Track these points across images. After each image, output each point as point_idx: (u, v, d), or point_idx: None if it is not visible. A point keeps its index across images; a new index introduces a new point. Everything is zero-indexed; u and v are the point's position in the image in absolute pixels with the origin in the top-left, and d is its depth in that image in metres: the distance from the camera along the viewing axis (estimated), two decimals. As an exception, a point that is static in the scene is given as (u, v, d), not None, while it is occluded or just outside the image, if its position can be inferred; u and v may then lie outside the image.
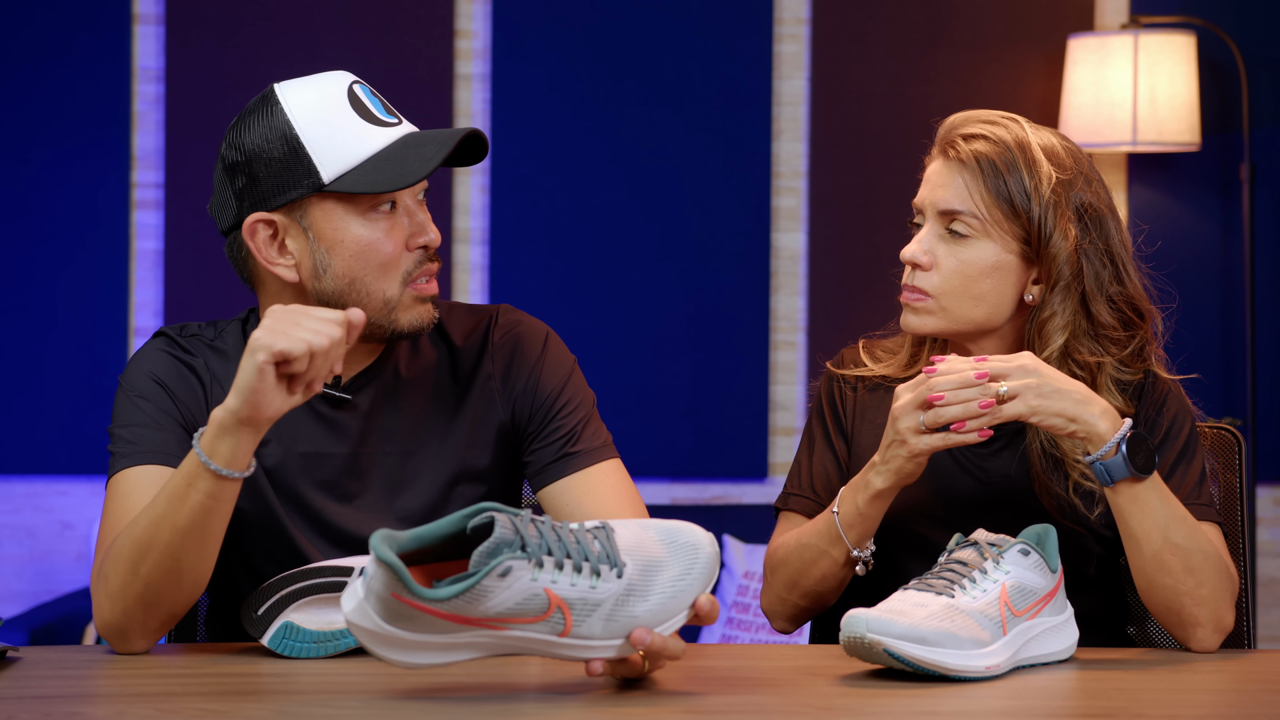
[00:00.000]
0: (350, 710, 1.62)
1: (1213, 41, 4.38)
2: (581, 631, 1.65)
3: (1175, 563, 1.99)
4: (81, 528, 4.38)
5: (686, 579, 1.69)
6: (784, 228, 4.45)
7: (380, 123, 1.98)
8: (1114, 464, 1.97)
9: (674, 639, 1.69)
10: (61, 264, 4.33)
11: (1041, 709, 1.74)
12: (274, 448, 2.04)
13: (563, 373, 2.10)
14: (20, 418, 4.33)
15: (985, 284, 2.12)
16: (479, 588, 1.60)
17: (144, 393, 2.02)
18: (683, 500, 4.37)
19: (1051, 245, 2.11)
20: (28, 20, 4.30)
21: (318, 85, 1.99)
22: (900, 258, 2.16)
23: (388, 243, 1.98)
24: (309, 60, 4.31)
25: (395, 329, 2.01)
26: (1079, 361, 2.12)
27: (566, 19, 4.40)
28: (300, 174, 1.95)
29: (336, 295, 1.99)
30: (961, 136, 2.13)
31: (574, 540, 1.65)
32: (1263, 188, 4.41)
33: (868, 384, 2.25)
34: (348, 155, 1.96)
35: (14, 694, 1.68)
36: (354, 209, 1.97)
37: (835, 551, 2.10)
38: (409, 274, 2.00)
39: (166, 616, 1.88)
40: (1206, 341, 4.40)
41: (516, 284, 4.38)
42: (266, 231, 1.99)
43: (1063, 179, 2.12)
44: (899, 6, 4.43)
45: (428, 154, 1.95)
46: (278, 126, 1.96)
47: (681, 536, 1.71)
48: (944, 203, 2.13)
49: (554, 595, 1.63)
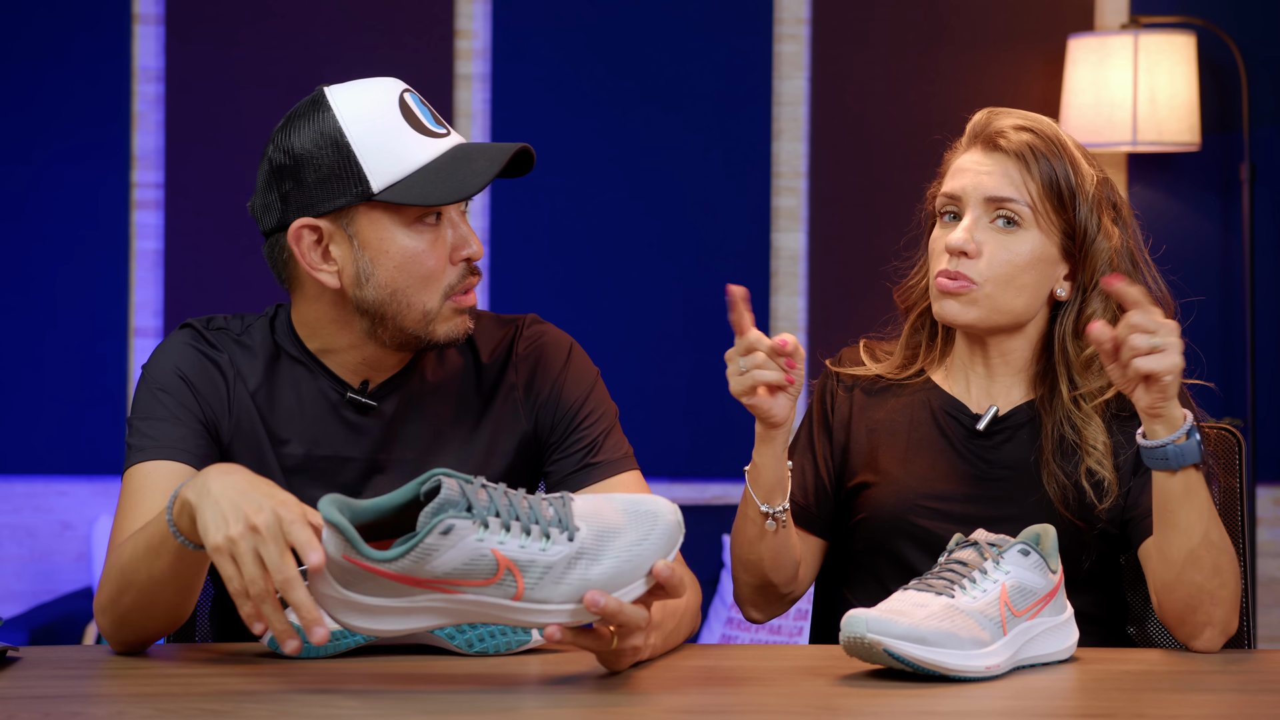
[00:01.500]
0: (350, 710, 1.62)
1: (1213, 41, 4.38)
2: (535, 595, 1.65)
3: (1208, 561, 1.99)
4: (81, 528, 4.38)
5: (643, 544, 1.68)
6: (784, 228, 4.45)
7: (430, 133, 1.96)
8: (1188, 447, 1.95)
9: (633, 606, 1.68)
10: (61, 264, 4.33)
11: (1041, 709, 1.74)
12: (295, 448, 2.04)
13: (586, 384, 2.10)
14: (20, 418, 4.33)
15: (1029, 275, 2.14)
16: (423, 546, 1.61)
17: (165, 385, 2.02)
18: (683, 500, 4.37)
19: (1095, 244, 2.13)
20: (28, 20, 4.30)
21: (370, 91, 1.96)
22: (945, 247, 2.14)
23: (432, 255, 1.97)
24: (309, 60, 4.31)
25: (432, 340, 2.00)
26: None
27: (566, 19, 4.40)
28: (350, 181, 1.94)
29: (378, 304, 1.98)
30: (1010, 127, 2.14)
31: (526, 505, 1.66)
32: (1263, 188, 4.41)
33: (865, 385, 2.25)
34: (398, 165, 1.94)
35: (14, 694, 1.68)
36: (400, 219, 1.96)
37: (750, 510, 2.10)
38: (451, 287, 1.99)
39: (150, 638, 1.89)
40: (1206, 342, 4.40)
41: (516, 284, 4.39)
42: (312, 237, 1.97)
43: (1100, 178, 2.16)
44: (899, 6, 4.43)
45: (479, 169, 1.94)
46: (328, 132, 1.94)
47: (642, 505, 1.71)
48: (993, 190, 2.13)
49: (502, 556, 1.63)
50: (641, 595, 1.69)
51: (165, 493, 1.94)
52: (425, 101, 1.99)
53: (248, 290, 4.21)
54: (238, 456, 2.02)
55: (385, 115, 1.95)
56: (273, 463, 2.03)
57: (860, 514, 2.20)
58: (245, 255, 4.30)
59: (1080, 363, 2.15)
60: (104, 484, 4.37)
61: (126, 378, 4.35)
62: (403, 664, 1.80)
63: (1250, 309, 4.31)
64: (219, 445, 2.02)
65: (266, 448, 2.03)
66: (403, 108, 1.96)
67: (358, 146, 1.94)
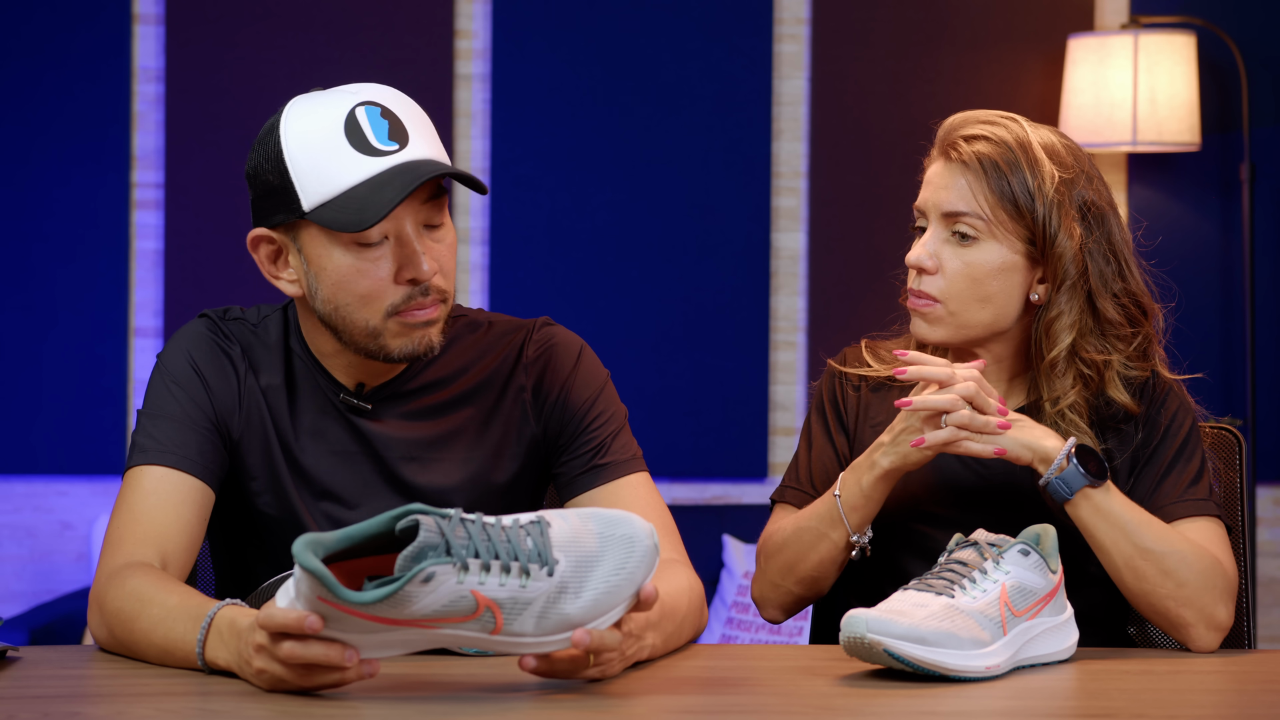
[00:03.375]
0: (350, 710, 1.62)
1: (1213, 41, 4.38)
2: (513, 629, 1.64)
3: (1149, 568, 2.01)
4: (81, 528, 4.38)
5: (622, 573, 1.68)
6: (784, 228, 4.45)
7: (375, 151, 1.91)
8: (1070, 474, 2.01)
9: (610, 631, 1.68)
10: (61, 264, 4.33)
11: (1041, 709, 1.74)
12: (300, 446, 2.04)
13: (595, 386, 2.10)
14: (20, 418, 4.33)
15: (992, 285, 2.12)
16: (402, 593, 1.59)
17: (179, 378, 2.02)
18: (683, 500, 4.37)
19: (1057, 245, 2.11)
20: (28, 20, 4.30)
21: (319, 108, 1.94)
22: (905, 263, 2.16)
23: (367, 276, 1.93)
24: (309, 60, 4.31)
25: (387, 355, 1.97)
26: (1086, 360, 2.13)
27: (566, 19, 4.40)
28: (285, 199, 1.94)
29: (326, 318, 1.98)
30: (963, 138, 2.13)
31: (504, 538, 1.64)
32: (1263, 188, 4.41)
33: (870, 384, 2.25)
34: (327, 185, 1.91)
35: (14, 694, 1.67)
36: (336, 239, 1.93)
37: (835, 534, 2.10)
38: (395, 306, 1.94)
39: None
40: (1206, 341, 4.40)
41: (516, 284, 4.39)
42: (269, 247, 1.99)
43: (1065, 177, 2.12)
44: (899, 6, 4.43)
45: (387, 197, 1.88)
46: (272, 150, 1.94)
47: (619, 529, 1.69)
48: (947, 204, 2.13)
49: (482, 596, 1.62)
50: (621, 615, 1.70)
51: (165, 501, 1.94)
52: (390, 114, 1.93)
53: (248, 290, 4.21)
54: (246, 453, 2.03)
55: (326, 134, 1.91)
56: (279, 459, 2.03)
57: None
58: (245, 255, 4.27)
59: (1045, 365, 2.14)
60: (104, 484, 4.37)
61: (127, 378, 4.35)
62: (402, 664, 1.80)
63: (1250, 309, 4.31)
64: (229, 442, 2.02)
65: (274, 444, 2.03)
66: (349, 124, 1.92)
67: (293, 166, 1.92)
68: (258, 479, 2.03)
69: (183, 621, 1.77)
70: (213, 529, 2.10)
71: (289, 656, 1.63)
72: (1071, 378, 2.13)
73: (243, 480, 2.04)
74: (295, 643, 1.62)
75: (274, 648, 1.64)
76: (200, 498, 1.98)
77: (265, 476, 2.03)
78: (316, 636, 1.62)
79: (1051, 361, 2.13)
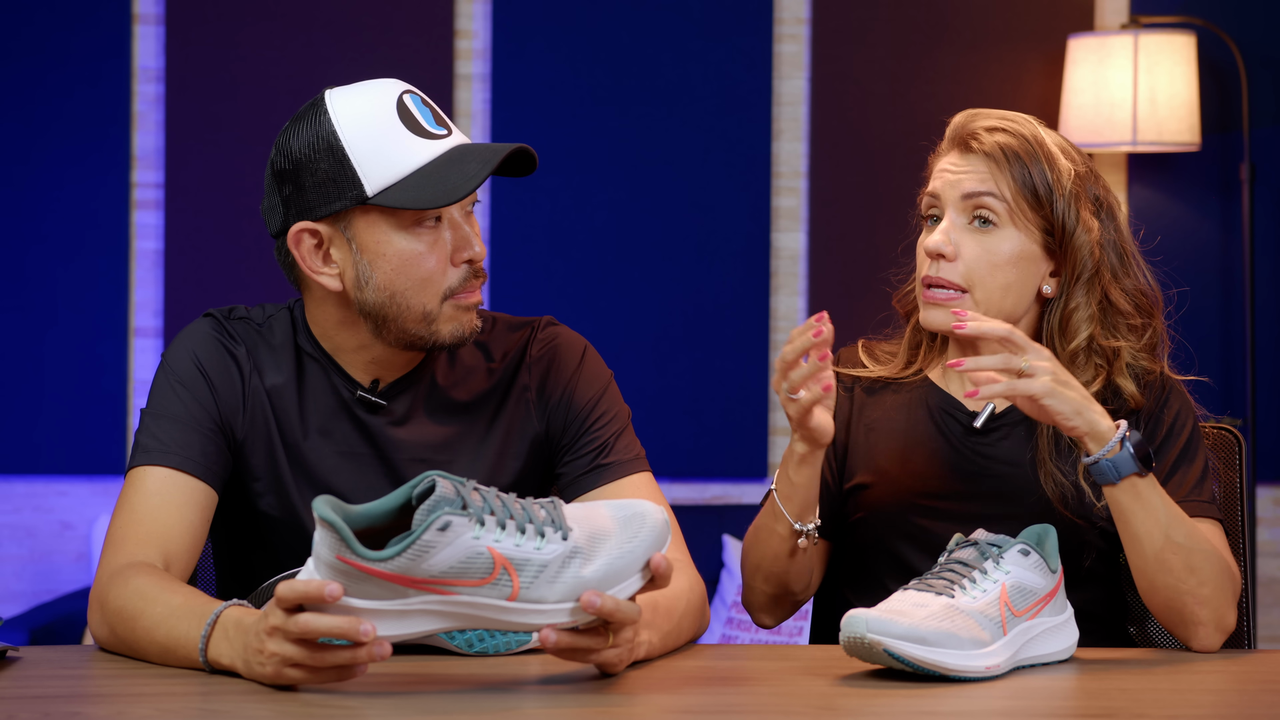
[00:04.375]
0: (350, 710, 1.62)
1: (1213, 41, 4.38)
2: (530, 595, 1.65)
3: (1177, 561, 2.00)
4: (81, 528, 4.38)
5: (634, 541, 1.69)
6: (784, 228, 4.45)
7: (428, 135, 1.95)
8: (1121, 459, 1.98)
9: (627, 603, 1.68)
10: (61, 264, 4.33)
11: (1041, 709, 1.74)
12: (306, 446, 2.04)
13: (598, 386, 2.10)
14: (20, 418, 4.33)
15: (1011, 274, 2.13)
16: (420, 543, 1.60)
17: (184, 378, 2.02)
18: (683, 500, 4.37)
19: (1075, 237, 2.13)
20: (28, 20, 4.30)
21: (367, 94, 1.96)
22: (922, 249, 2.16)
23: (430, 258, 1.96)
24: (309, 60, 4.31)
25: (436, 340, 1.99)
26: (1100, 348, 2.14)
27: (566, 19, 4.40)
28: (345, 186, 1.94)
29: (378, 307, 1.98)
30: (983, 129, 2.15)
31: (519, 506, 1.66)
32: (1263, 188, 4.41)
33: (864, 385, 2.25)
34: (393, 168, 1.93)
35: (14, 694, 1.68)
36: (397, 222, 1.95)
37: (780, 527, 2.11)
38: (452, 289, 1.98)
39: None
40: (1206, 341, 4.40)
41: (516, 284, 4.39)
42: (311, 241, 1.98)
43: (1079, 172, 2.15)
44: (899, 6, 4.43)
45: (471, 171, 1.92)
46: (324, 136, 1.94)
47: (630, 509, 1.72)
48: (969, 186, 2.13)
49: (498, 554, 1.63)
50: (636, 590, 1.70)
51: (167, 502, 1.94)
52: (428, 102, 1.98)
53: (248, 290, 4.21)
54: (250, 453, 2.03)
55: (381, 118, 1.94)
56: (282, 460, 2.03)
57: (859, 513, 2.20)
58: (245, 255, 4.30)
59: (1066, 358, 2.15)
60: (104, 484, 4.37)
61: (126, 378, 4.35)
62: (403, 664, 1.80)
63: (1250, 309, 4.31)
64: (232, 443, 2.02)
65: (277, 444, 2.03)
66: (400, 109, 1.95)
67: (352, 150, 1.93)
68: (261, 480, 2.03)
69: (186, 620, 1.77)
70: (215, 529, 2.10)
71: (305, 629, 1.62)
72: (1092, 369, 2.14)
73: (246, 481, 2.04)
74: (312, 614, 1.62)
75: (289, 624, 1.63)
76: (203, 499, 1.98)
77: (268, 477, 2.03)
78: (334, 610, 1.61)
79: (1071, 354, 2.14)
